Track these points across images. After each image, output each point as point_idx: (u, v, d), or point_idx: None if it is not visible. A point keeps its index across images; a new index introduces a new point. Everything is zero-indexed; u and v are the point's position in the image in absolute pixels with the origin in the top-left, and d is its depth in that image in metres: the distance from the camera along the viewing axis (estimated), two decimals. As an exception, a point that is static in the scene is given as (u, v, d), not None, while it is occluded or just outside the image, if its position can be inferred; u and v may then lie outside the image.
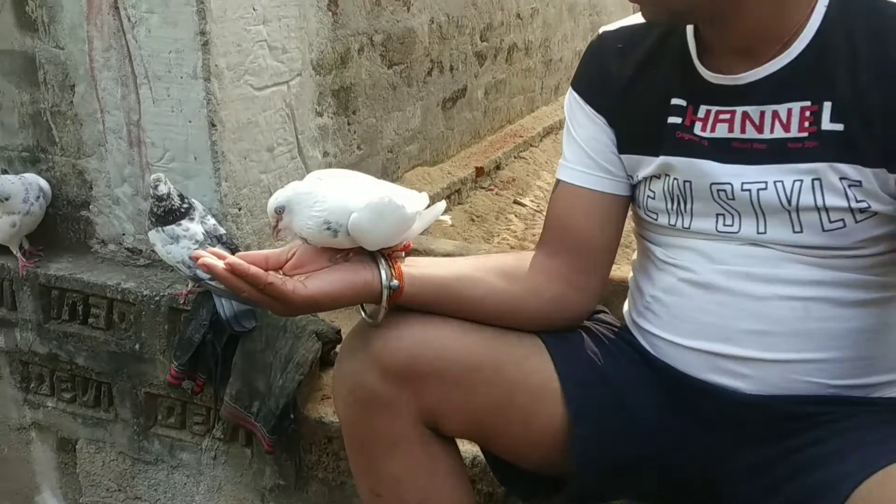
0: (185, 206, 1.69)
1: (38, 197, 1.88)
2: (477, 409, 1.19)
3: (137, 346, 1.87)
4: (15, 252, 1.95)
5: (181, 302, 1.78)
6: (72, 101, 1.88)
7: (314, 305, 1.10)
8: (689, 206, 1.11)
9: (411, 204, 1.18)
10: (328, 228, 1.09)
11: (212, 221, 1.73)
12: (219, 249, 1.12)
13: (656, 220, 1.16)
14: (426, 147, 2.66)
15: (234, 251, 1.79)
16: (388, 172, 2.45)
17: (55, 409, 2.05)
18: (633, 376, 1.23)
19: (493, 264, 1.25)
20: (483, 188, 2.83)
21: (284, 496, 1.82)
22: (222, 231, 1.74)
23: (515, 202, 2.78)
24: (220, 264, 1.07)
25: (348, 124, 2.22)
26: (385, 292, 1.12)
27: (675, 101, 1.11)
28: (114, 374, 1.93)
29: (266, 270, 1.10)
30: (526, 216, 2.72)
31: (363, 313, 1.22)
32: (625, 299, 1.34)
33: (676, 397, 1.16)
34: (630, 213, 1.25)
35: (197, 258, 1.08)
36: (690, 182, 1.09)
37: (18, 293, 1.99)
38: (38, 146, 1.95)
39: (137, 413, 1.93)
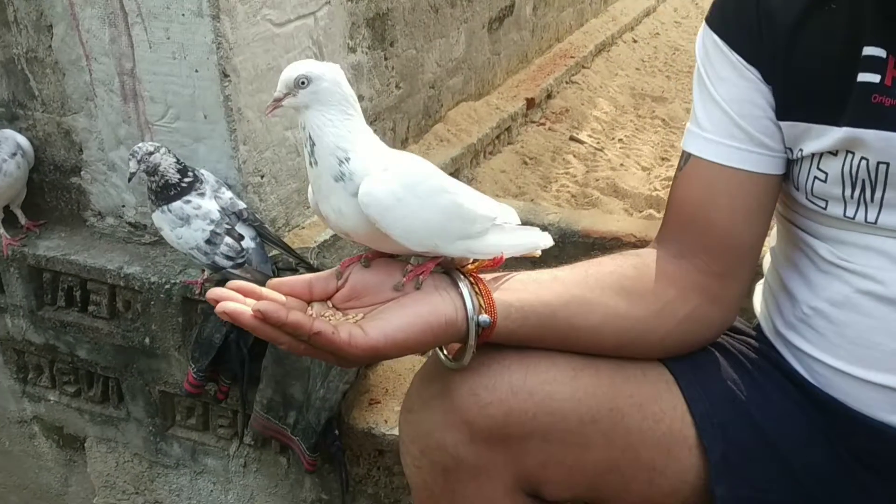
0: (187, 179, 1.36)
1: (14, 154, 1.55)
2: (590, 470, 0.94)
3: (147, 341, 1.57)
4: None
5: (196, 292, 1.47)
6: (50, 46, 1.52)
7: (378, 356, 0.84)
8: (879, 195, 0.84)
9: (483, 205, 0.90)
10: (340, 161, 0.82)
11: (228, 195, 1.41)
12: (242, 282, 0.81)
13: (825, 209, 0.89)
14: (471, 78, 2.29)
15: (258, 230, 1.48)
16: (430, 112, 2.10)
17: (58, 404, 1.78)
18: (784, 413, 0.96)
19: (609, 279, 0.95)
20: (534, 122, 2.48)
21: (328, 512, 1.56)
22: (242, 205, 1.42)
23: (572, 139, 2.43)
24: (245, 310, 0.78)
25: (385, 59, 1.86)
26: (473, 330, 0.85)
27: (868, 50, 0.82)
28: (122, 370, 1.64)
29: (310, 301, 0.87)
30: (585, 156, 2.37)
31: (441, 353, 0.91)
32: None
33: (845, 442, 0.92)
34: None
35: (214, 301, 0.79)
36: (888, 165, 0.82)
37: (5, 275, 1.68)
38: (15, 100, 1.61)
39: (152, 413, 1.66)
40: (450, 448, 0.90)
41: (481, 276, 0.90)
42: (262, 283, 0.94)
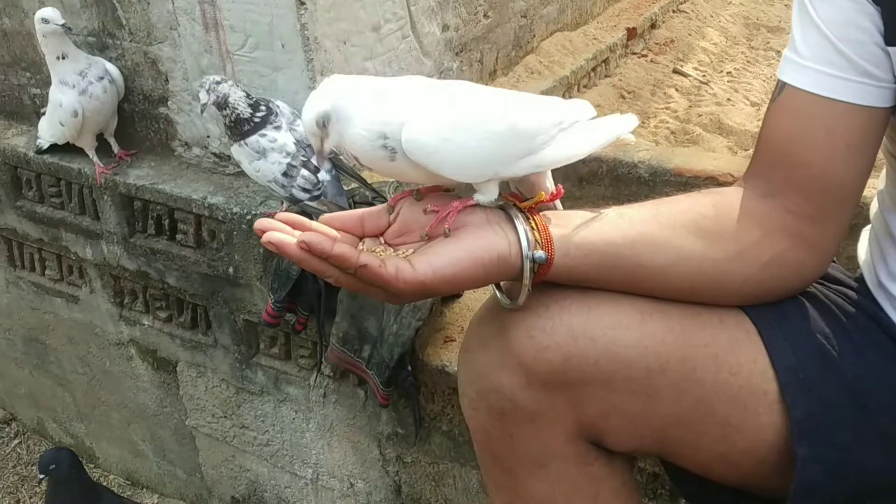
0: (260, 113, 1.35)
1: (102, 78, 1.57)
2: (657, 423, 0.88)
3: (231, 270, 1.59)
4: (90, 154, 1.68)
5: (275, 224, 1.47)
6: (135, -26, 1.53)
7: (427, 292, 0.80)
8: None
9: (544, 113, 0.83)
10: (384, 146, 0.79)
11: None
12: (290, 214, 0.80)
13: None
14: (567, 6, 2.18)
15: (334, 163, 1.46)
16: (522, 43, 2.01)
17: (152, 328, 1.84)
18: (880, 371, 0.88)
19: (683, 217, 0.88)
20: (635, 54, 2.35)
21: (404, 446, 1.56)
22: (319, 138, 1.39)
23: (675, 71, 2.30)
24: (291, 241, 0.77)
25: (472, -15, 1.79)
26: (528, 267, 0.81)
27: None
28: (209, 298, 1.68)
29: (361, 237, 0.84)
30: (689, 90, 2.24)
31: (497, 292, 0.87)
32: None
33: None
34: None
35: (261, 231, 0.78)
36: None
37: (100, 202, 1.74)
38: (105, 29, 1.63)
39: (237, 340, 1.70)
40: (506, 391, 0.86)
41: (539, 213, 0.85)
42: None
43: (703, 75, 2.31)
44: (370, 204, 1.44)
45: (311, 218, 1.01)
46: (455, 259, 0.79)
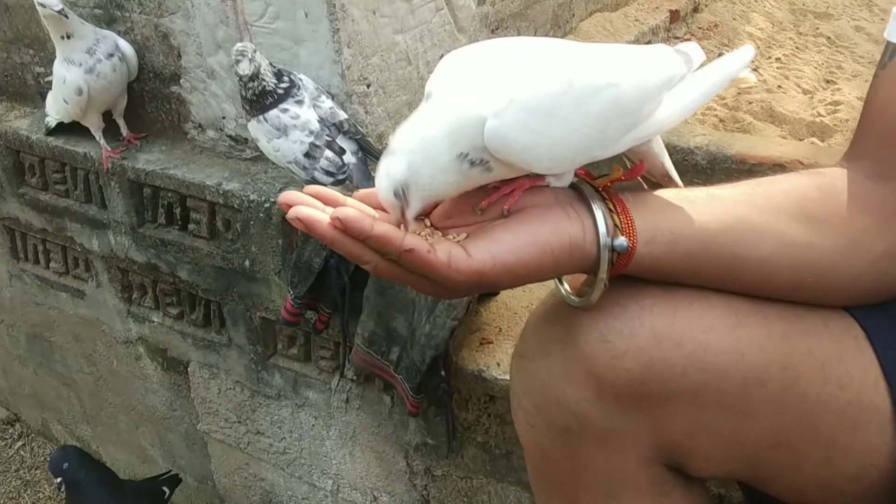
0: (283, 84, 1.22)
1: (112, 55, 1.44)
2: (751, 444, 0.76)
3: (247, 263, 1.46)
4: (96, 136, 1.55)
5: (296, 212, 1.34)
6: (145, -62, 1.40)
7: (484, 283, 0.68)
8: None
9: (650, 72, 0.70)
10: (470, 162, 0.66)
11: (328, 104, 1.25)
12: (320, 187, 0.66)
13: None
14: (607, -15, 2.04)
15: (361, 145, 1.32)
16: (560, 22, 1.87)
17: (162, 326, 1.71)
18: None
19: (784, 200, 0.74)
20: (678, 38, 2.20)
21: (434, 458, 1.42)
22: (343, 116, 1.26)
23: (721, 56, 2.14)
24: (323, 218, 0.64)
25: (510, -42, 1.65)
26: (606, 257, 0.68)
27: None
28: (223, 293, 1.55)
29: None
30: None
31: (562, 287, 0.74)
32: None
33: None
34: None
35: (286, 205, 0.65)
36: None
37: (107, 189, 1.61)
38: (112, 1, 1.50)
39: (253, 340, 1.56)
40: (572, 405, 0.73)
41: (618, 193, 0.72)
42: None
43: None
44: (401, 191, 1.30)
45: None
46: (519, 245, 0.66)
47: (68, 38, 1.41)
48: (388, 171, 0.64)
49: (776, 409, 0.72)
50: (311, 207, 0.65)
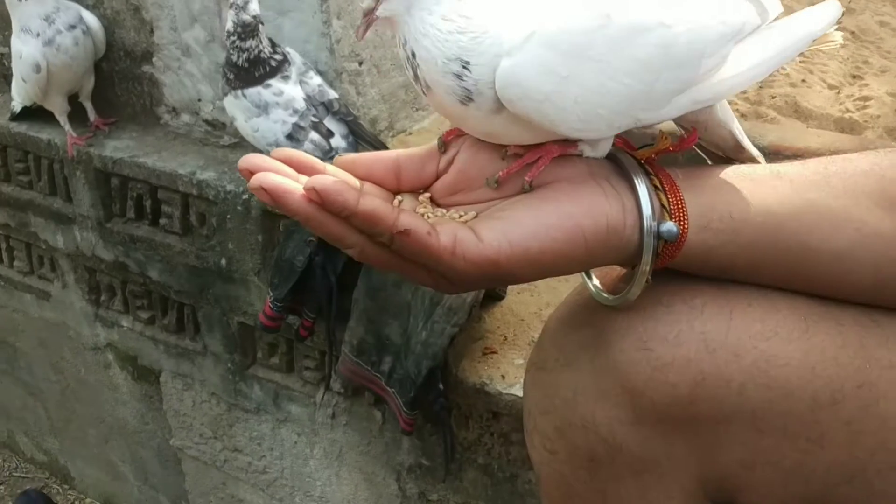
0: (277, 56, 1.08)
1: (73, 27, 1.29)
2: (820, 478, 0.62)
3: (224, 262, 1.32)
4: (60, 120, 1.40)
5: (277, 204, 1.19)
6: None
7: (498, 274, 0.54)
8: None
9: (717, 22, 0.56)
10: (459, 77, 0.52)
11: (316, 80, 1.11)
12: (292, 150, 0.52)
13: None
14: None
15: (352, 127, 1.18)
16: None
17: (132, 331, 1.56)
18: None
19: (864, 182, 0.62)
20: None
21: (429, 481, 1.28)
22: (332, 95, 1.12)
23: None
24: (295, 189, 0.51)
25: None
26: (650, 245, 0.55)
27: None
28: (197, 296, 1.40)
29: (397, 192, 0.59)
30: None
31: (591, 282, 0.59)
32: None
33: None
34: None
35: (247, 172, 0.52)
36: None
37: (72, 180, 1.46)
38: (79, -30, 1.36)
39: (230, 348, 1.42)
40: (601, 428, 0.60)
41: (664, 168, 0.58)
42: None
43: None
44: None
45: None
46: (543, 227, 0.52)
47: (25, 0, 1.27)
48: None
49: (850, 436, 0.59)
50: (280, 175, 0.51)
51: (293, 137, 1.06)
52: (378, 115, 1.26)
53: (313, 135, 1.07)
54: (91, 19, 1.34)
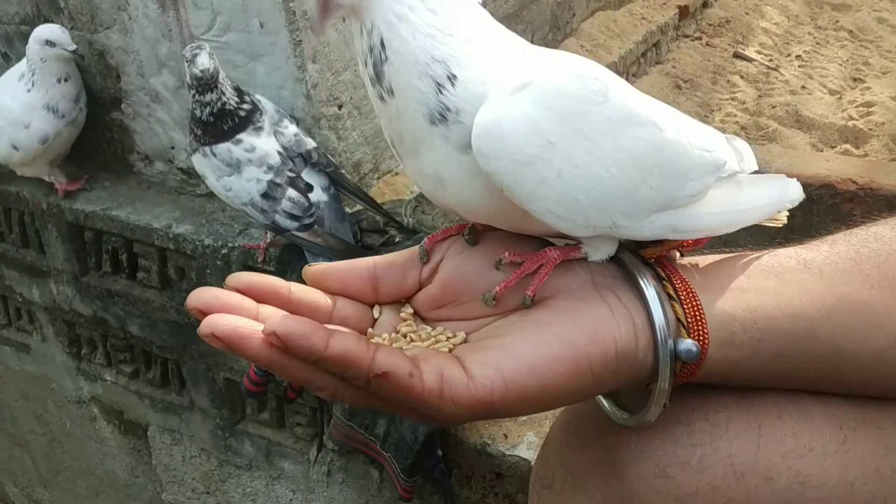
0: (246, 106, 1.01)
1: (78, 99, 1.26)
2: None
3: (205, 318, 1.24)
4: (47, 179, 1.33)
5: (259, 260, 1.12)
6: (71, -59, 1.18)
7: (491, 413, 0.46)
8: None
9: (703, 141, 0.50)
10: (439, 86, 0.44)
11: (292, 129, 1.04)
12: (250, 275, 0.45)
13: None
14: (609, -19, 1.84)
15: (333, 178, 1.11)
16: (560, 24, 1.66)
17: (115, 385, 1.49)
18: None
19: None
20: (688, 37, 2.00)
21: (431, 541, 1.21)
22: (310, 144, 1.05)
23: (737, 55, 1.94)
24: (253, 334, 0.43)
25: (502, -47, 1.44)
26: (667, 364, 0.47)
27: None
28: (181, 351, 1.33)
29: (373, 304, 0.51)
30: (755, 77, 1.88)
31: (605, 399, 0.52)
32: None
33: None
34: None
35: (198, 312, 0.45)
36: None
37: (44, 233, 1.39)
38: (40, 14, 1.29)
39: (218, 403, 1.35)
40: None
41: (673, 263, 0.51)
42: (339, 250, 0.54)
43: (770, 60, 1.96)
44: (383, 232, 1.09)
45: (301, 253, 0.64)
46: (543, 359, 0.45)
47: (66, 81, 1.21)
48: None
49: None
50: (234, 314, 0.44)
51: (269, 196, 0.99)
52: (362, 157, 1.19)
53: (291, 192, 1.00)
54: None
